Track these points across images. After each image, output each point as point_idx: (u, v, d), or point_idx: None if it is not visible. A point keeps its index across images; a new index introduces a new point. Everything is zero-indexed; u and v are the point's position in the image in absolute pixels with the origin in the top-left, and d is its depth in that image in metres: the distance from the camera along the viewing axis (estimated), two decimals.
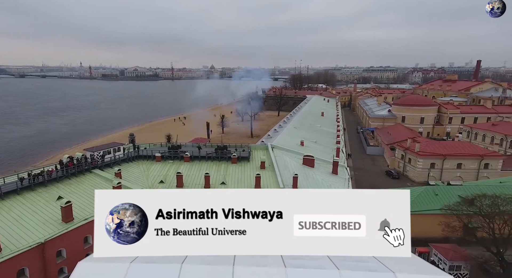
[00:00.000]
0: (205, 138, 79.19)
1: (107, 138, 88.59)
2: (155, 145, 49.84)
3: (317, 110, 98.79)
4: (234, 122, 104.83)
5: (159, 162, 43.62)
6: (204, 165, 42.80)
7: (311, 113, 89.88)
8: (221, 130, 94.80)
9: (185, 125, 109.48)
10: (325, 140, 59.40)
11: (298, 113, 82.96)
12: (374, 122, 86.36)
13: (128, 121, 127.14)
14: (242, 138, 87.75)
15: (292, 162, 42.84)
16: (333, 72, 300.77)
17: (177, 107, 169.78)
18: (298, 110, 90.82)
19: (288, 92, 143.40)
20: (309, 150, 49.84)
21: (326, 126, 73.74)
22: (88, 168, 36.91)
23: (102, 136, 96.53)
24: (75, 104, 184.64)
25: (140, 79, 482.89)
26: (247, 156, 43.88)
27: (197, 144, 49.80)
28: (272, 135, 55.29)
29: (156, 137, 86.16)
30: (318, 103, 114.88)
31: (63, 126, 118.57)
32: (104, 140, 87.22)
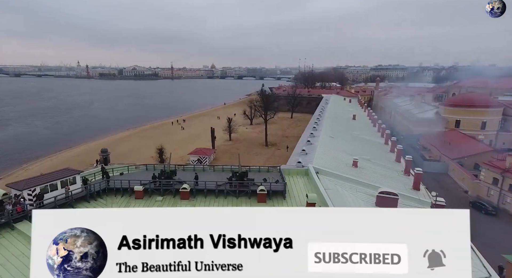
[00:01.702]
0: (209, 149, 62.63)
1: (82, 149, 72.10)
2: (137, 168, 33.31)
3: (344, 112, 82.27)
4: (242, 126, 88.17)
5: (141, 199, 27.19)
6: (211, 205, 26.44)
7: (339, 116, 73.36)
8: (227, 136, 78.29)
9: (184, 130, 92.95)
10: (377, 155, 42.99)
11: (324, 116, 66.74)
12: (417, 127, 70.00)
13: (120, 123, 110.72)
14: (255, 147, 71.24)
15: (356, 201, 26.33)
16: (342, 71, 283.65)
17: (176, 107, 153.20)
18: (322, 112, 74.53)
19: (301, 91, 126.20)
20: (368, 174, 33.44)
21: (366, 133, 57.38)
22: (7, 222, 20.61)
23: (84, 143, 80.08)
24: (65, 105, 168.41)
25: (139, 78, 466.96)
26: (282, 189, 27.42)
27: (200, 166, 33.34)
28: (306, 149, 38.91)
29: (147, 147, 69.54)
30: (340, 104, 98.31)
31: (43, 130, 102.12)
32: (76, 153, 70.89)
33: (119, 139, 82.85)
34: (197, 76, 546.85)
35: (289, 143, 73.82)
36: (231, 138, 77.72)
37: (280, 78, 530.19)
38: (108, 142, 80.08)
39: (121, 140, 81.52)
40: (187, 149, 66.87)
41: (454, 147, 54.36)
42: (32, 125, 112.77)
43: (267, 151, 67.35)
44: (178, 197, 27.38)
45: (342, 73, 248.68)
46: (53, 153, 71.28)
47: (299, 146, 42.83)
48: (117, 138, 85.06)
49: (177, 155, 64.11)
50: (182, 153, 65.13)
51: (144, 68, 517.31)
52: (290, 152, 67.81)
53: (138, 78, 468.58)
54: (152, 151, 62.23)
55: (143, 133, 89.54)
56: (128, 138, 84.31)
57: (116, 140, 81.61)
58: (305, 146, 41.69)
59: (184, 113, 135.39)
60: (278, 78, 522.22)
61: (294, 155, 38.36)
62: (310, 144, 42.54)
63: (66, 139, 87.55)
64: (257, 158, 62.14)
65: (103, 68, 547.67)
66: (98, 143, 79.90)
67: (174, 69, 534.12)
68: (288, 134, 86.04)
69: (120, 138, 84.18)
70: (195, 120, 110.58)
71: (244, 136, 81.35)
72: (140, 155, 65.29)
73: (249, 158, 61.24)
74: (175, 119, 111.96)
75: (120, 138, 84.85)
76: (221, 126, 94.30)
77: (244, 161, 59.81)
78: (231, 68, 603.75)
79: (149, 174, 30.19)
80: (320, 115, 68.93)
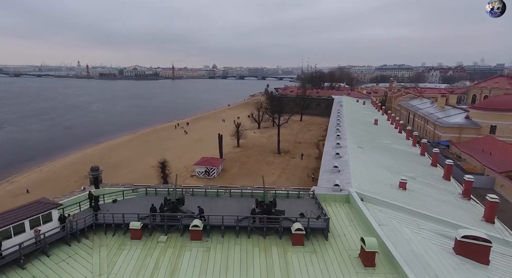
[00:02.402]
0: (217, 159, 56.04)
1: (77, 157, 65.06)
2: (134, 192, 26.71)
3: (362, 115, 75.70)
4: (249, 130, 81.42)
5: (138, 240, 20.69)
6: (231, 248, 20.01)
7: (358, 120, 66.67)
8: (235, 142, 71.71)
9: (187, 134, 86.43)
10: (420, 171, 36.31)
11: (343, 121, 60.02)
12: (445, 133, 63.25)
13: (119, 127, 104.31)
14: (266, 154, 64.63)
15: (426, 245, 19.65)
16: (348, 71, 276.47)
17: (178, 109, 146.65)
18: (339, 116, 67.87)
19: (309, 92, 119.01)
20: (421, 200, 26.85)
21: (395, 142, 50.65)
22: None
23: (80, 150, 73.52)
24: (63, 106, 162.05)
25: (140, 78, 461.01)
26: (324, 227, 20.83)
27: (214, 190, 26.80)
28: (338, 164, 32.26)
29: (148, 155, 63.14)
30: (355, 106, 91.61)
31: (37, 135, 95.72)
32: (70, 161, 63.08)
33: (117, 145, 76.45)
34: (199, 76, 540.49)
35: (303, 150, 67.25)
36: (239, 144, 71.14)
37: (282, 78, 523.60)
38: (105, 148, 73.73)
39: (119, 146, 75.13)
40: (191, 157, 60.41)
41: (496, 157, 47.73)
42: (26, 128, 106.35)
43: (281, 160, 60.80)
44: (187, 236, 20.85)
45: (348, 73, 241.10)
46: (44, 162, 64.75)
47: (327, 159, 36.14)
48: (116, 143, 78.69)
49: (181, 164, 57.67)
50: (186, 162, 58.70)
51: (145, 68, 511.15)
52: (306, 161, 61.47)
53: (138, 78, 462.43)
54: (153, 159, 55.87)
55: (144, 138, 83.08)
56: (127, 143, 77.89)
57: (114, 146, 75.21)
58: (335, 160, 35.03)
59: (187, 116, 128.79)
60: (281, 78, 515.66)
61: (324, 172, 31.72)
62: (340, 157, 35.92)
63: (61, 146, 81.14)
64: (271, 168, 55.59)
65: (104, 68, 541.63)
66: (95, 149, 73.57)
67: (175, 69, 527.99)
68: (300, 139, 79.47)
69: (119, 144, 77.77)
70: (199, 123, 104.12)
71: (253, 142, 74.76)
72: (140, 165, 58.97)
73: (262, 168, 54.72)
74: (177, 122, 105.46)
75: (119, 143, 78.47)
76: (228, 130, 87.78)
77: (257, 172, 53.38)
78: (233, 68, 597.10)
79: (149, 200, 23.70)
80: (339, 119, 62.13)
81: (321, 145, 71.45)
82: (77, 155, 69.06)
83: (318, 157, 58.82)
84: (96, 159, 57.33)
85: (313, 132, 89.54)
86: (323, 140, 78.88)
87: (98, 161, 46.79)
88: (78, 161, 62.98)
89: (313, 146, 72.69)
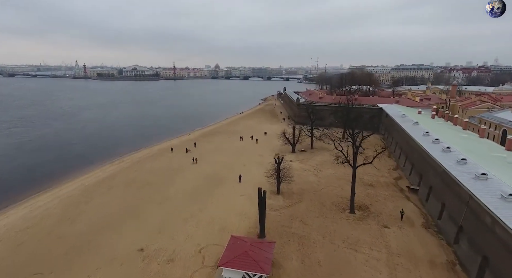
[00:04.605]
0: (261, 242, 29.49)
1: (37, 204, 38.79)
2: None
3: (451, 137, 49.91)
4: (281, 154, 54.14)
5: None
6: None
7: (461, 147, 40.71)
8: (272, 185, 45.90)
9: (196, 163, 60.61)
10: None
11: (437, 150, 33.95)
12: None
13: (103, 149, 78.80)
14: (332, 214, 38.59)
15: None
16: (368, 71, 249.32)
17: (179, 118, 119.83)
18: (436, 141, 42.19)
19: (341, 98, 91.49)
20: None
21: None
22: None
23: (42, 191, 47.82)
24: (47, 114, 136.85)
25: (139, 78, 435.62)
26: None
27: None
28: None
29: (131, 219, 32.42)
30: (426, 122, 64.82)
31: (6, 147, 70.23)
32: (26, 212, 37.08)
33: (89, 190, 50.31)
34: (201, 76, 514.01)
35: (387, 200, 41.55)
36: (279, 190, 45.19)
37: (289, 78, 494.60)
38: (72, 193, 47.92)
39: (92, 193, 48.85)
40: (208, 223, 35.00)
41: None
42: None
43: (362, 228, 34.70)
44: None
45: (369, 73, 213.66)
46: None
47: None
48: (90, 183, 52.81)
49: (188, 244, 31.92)
50: (198, 239, 32.86)
51: (145, 68, 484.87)
52: (417, 230, 31.33)
53: (138, 78, 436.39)
54: (141, 234, 30.48)
55: (132, 174, 56.36)
56: (104, 185, 51.63)
57: (85, 191, 49.31)
58: None
59: (194, 127, 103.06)
60: (287, 79, 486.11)
61: None
62: None
63: (22, 179, 56.48)
64: (362, 258, 29.28)
65: (103, 68, 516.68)
66: (56, 194, 47.83)
67: (176, 69, 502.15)
68: (365, 175, 52.15)
69: (94, 185, 51.90)
70: (210, 143, 78.16)
71: (297, 181, 48.63)
72: (119, 248, 32.37)
73: (340, 256, 28.65)
74: (179, 139, 79.72)
75: (94, 184, 52.45)
76: (250, 154, 62.09)
77: (337, 269, 28.17)
78: (235, 68, 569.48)
79: None
80: (449, 150, 36.21)
81: (404, 189, 45.72)
82: (39, 199, 43.79)
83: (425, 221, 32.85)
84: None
85: (385, 162, 59.64)
86: (399, 177, 52.93)
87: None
88: (39, 209, 37.17)
89: (393, 188, 47.03)
